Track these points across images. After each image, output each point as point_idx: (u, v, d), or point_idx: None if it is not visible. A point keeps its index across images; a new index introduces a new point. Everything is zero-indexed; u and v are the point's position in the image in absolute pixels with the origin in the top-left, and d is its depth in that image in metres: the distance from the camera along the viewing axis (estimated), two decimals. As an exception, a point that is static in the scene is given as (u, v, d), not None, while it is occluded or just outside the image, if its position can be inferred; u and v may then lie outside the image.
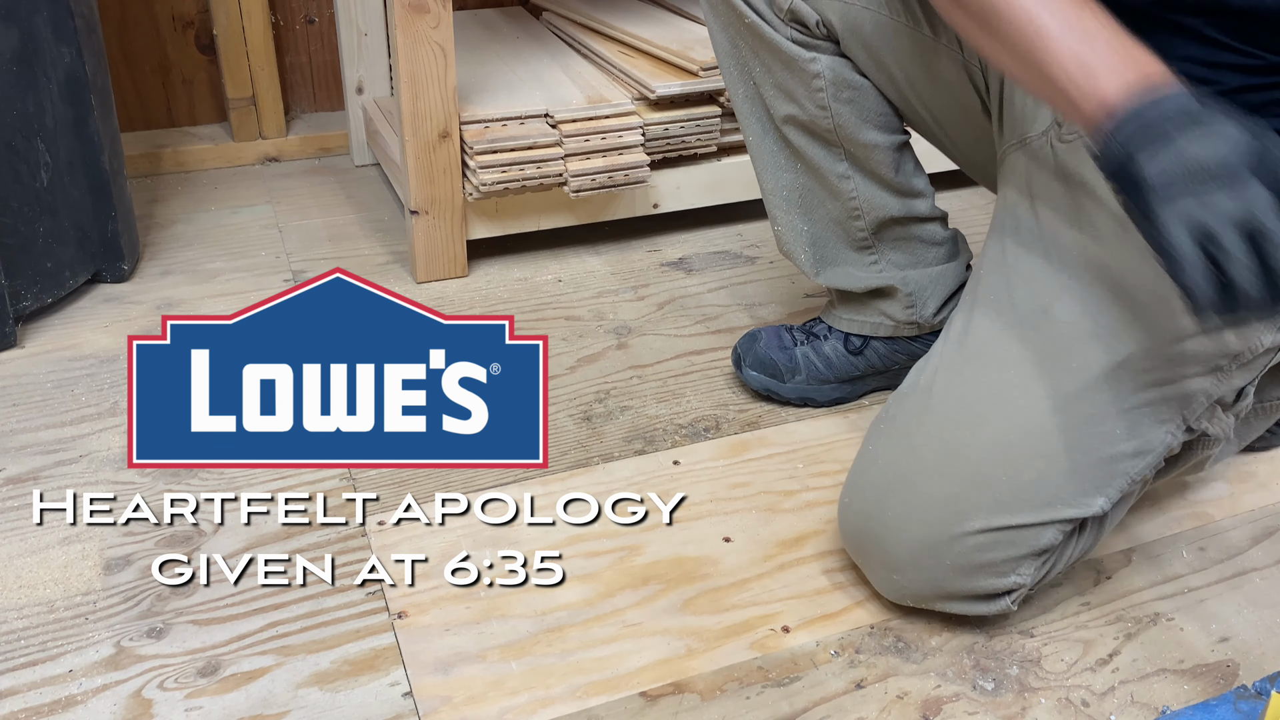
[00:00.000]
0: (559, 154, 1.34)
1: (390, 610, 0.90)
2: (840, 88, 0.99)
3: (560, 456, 1.09)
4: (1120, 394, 0.79)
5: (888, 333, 1.15)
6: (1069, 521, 0.81)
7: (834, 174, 1.05)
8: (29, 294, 1.24)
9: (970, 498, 0.80)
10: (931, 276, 1.11)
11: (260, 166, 1.71)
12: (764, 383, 1.16)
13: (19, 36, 1.14)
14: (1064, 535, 0.82)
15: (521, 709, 0.82)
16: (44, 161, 1.21)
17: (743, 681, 0.85)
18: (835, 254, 1.12)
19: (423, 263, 1.38)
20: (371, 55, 1.62)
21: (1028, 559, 0.82)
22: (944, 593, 0.84)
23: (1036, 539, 0.81)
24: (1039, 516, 0.80)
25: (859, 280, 1.12)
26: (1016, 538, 0.80)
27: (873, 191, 1.06)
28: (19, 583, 0.91)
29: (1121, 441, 0.80)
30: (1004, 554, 0.81)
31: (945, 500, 0.81)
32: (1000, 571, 0.82)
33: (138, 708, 0.80)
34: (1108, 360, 0.78)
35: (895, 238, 1.09)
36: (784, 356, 1.16)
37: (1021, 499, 0.79)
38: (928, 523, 0.81)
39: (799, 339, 1.17)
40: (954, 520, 0.80)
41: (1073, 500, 0.80)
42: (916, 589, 0.85)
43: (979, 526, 0.80)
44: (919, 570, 0.83)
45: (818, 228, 1.11)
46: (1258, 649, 0.89)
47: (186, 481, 1.03)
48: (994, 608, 0.85)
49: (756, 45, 1.01)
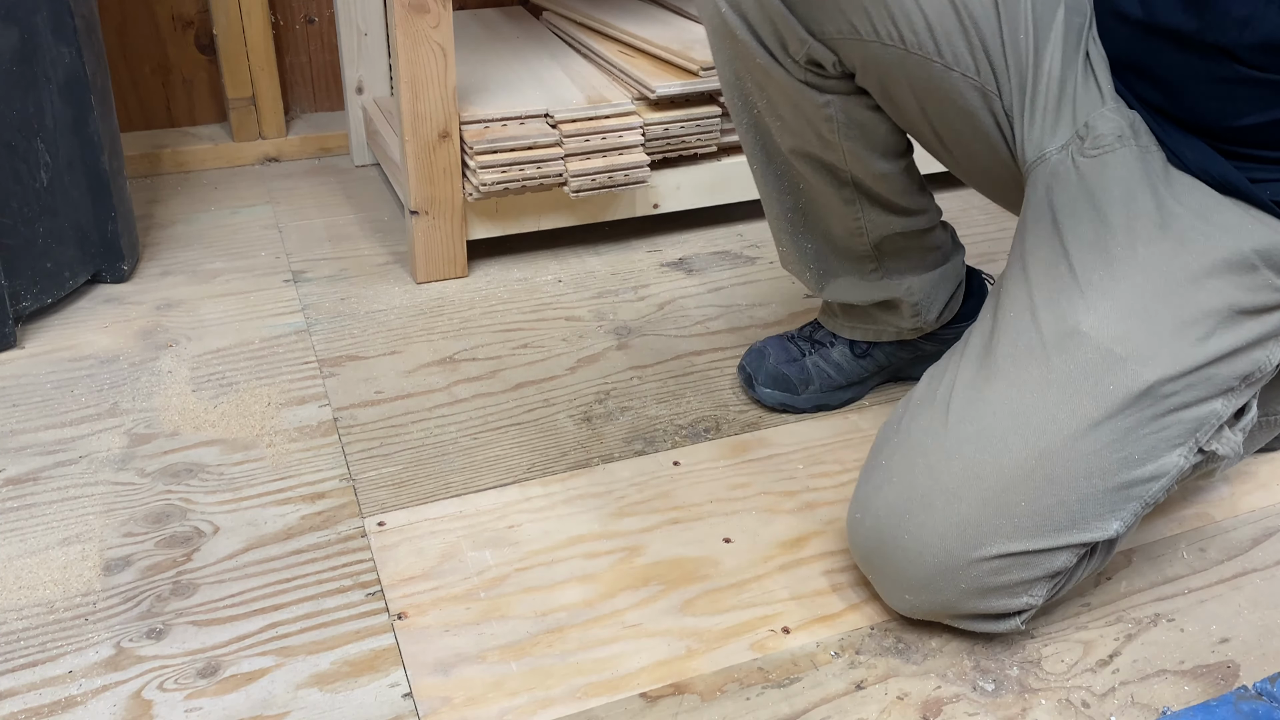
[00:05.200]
0: (559, 154, 1.34)
1: (390, 611, 0.90)
2: (851, 125, 0.98)
3: (560, 457, 1.09)
4: (1141, 419, 0.78)
5: (893, 338, 1.15)
6: (1084, 545, 0.81)
7: (839, 199, 1.04)
8: (29, 294, 1.24)
9: (989, 523, 0.80)
10: (933, 280, 1.11)
11: (260, 166, 1.71)
12: (779, 398, 1.16)
13: (19, 36, 1.14)
14: (1077, 558, 0.82)
15: (521, 710, 0.82)
16: (44, 161, 1.21)
17: (743, 682, 0.85)
18: (837, 267, 1.12)
19: (422, 263, 1.38)
20: (371, 55, 1.62)
21: (1041, 581, 0.82)
22: (956, 612, 0.84)
23: (1051, 562, 0.81)
24: (1055, 541, 0.80)
25: (864, 294, 1.11)
26: (1032, 561, 0.80)
27: (878, 214, 1.05)
28: (19, 583, 0.91)
29: (1139, 466, 0.79)
30: (1018, 576, 0.81)
31: (964, 525, 0.80)
32: (1014, 593, 0.82)
33: (137, 708, 0.80)
34: (1131, 386, 0.78)
35: (896, 249, 1.09)
36: (795, 369, 1.16)
37: (1039, 524, 0.79)
38: (945, 548, 0.81)
39: (805, 349, 1.17)
40: (971, 545, 0.80)
41: (1089, 525, 0.80)
42: (929, 608, 0.85)
43: (996, 552, 0.80)
44: (933, 592, 0.83)
45: (819, 244, 1.11)
46: (1258, 650, 0.89)
47: (186, 482, 1.03)
48: (1003, 626, 0.85)
49: (764, 82, 0.98)
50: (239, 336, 1.27)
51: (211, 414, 1.13)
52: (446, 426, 1.13)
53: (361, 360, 1.23)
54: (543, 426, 1.13)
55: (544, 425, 1.14)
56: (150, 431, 1.10)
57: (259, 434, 1.10)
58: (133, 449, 1.07)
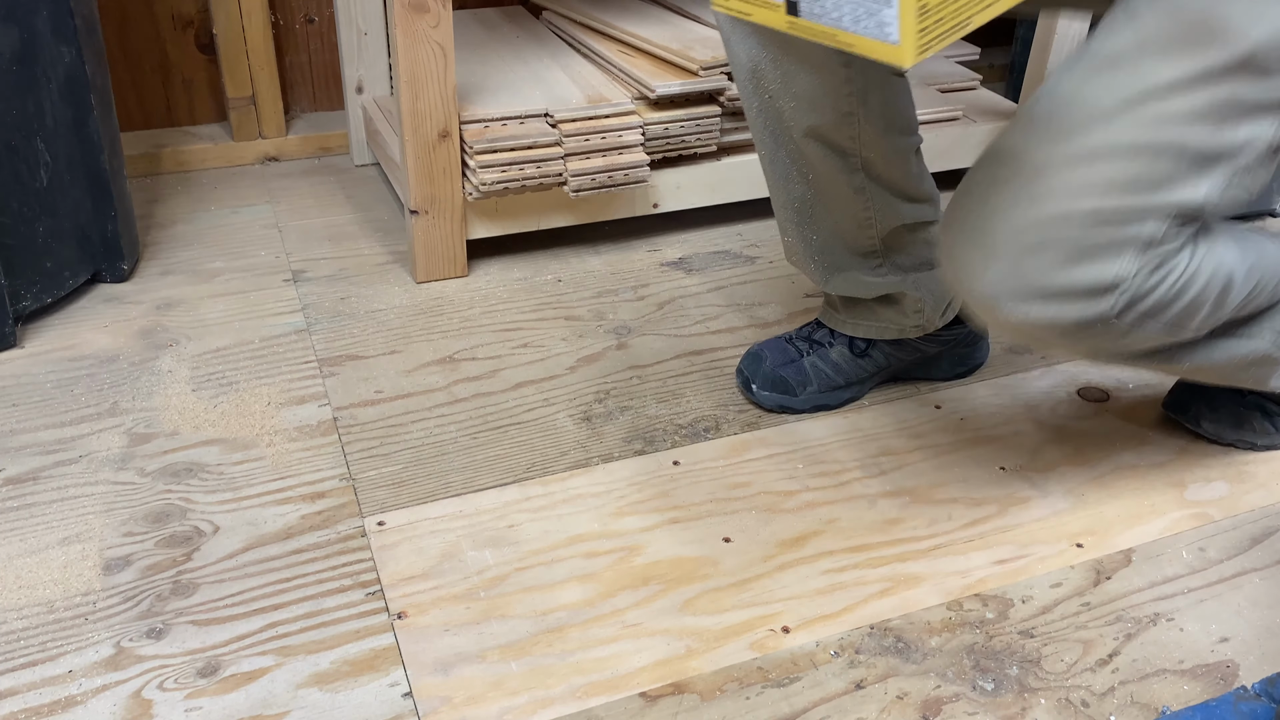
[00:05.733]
0: (559, 154, 1.34)
1: (390, 610, 0.90)
2: (871, 90, 0.98)
3: (560, 456, 1.09)
4: (1236, 87, 0.77)
5: (894, 335, 1.15)
6: (1173, 209, 0.79)
7: (850, 186, 1.04)
8: (29, 294, 1.24)
9: (1079, 179, 0.78)
10: (937, 278, 1.11)
11: (260, 166, 1.71)
12: (777, 400, 1.16)
13: (19, 36, 1.14)
14: (1166, 229, 0.79)
15: (521, 709, 0.82)
16: (44, 161, 1.21)
17: (743, 682, 0.85)
18: (842, 260, 1.12)
19: (422, 262, 1.38)
20: (371, 55, 1.62)
21: (1132, 247, 0.79)
22: (1042, 289, 0.80)
23: (1141, 224, 0.78)
24: (1144, 200, 0.78)
25: (868, 288, 1.12)
26: (1123, 218, 0.78)
27: (887, 201, 1.05)
28: (19, 583, 0.91)
29: (1228, 131, 0.78)
30: (1108, 237, 0.78)
31: (1054, 182, 0.78)
32: (1103, 256, 0.79)
33: (137, 708, 0.80)
34: (1234, 51, 0.76)
35: (902, 243, 1.09)
36: (793, 371, 1.16)
37: (1128, 185, 0.78)
38: (1034, 200, 0.79)
39: (804, 349, 1.17)
40: (1063, 198, 0.78)
41: (1176, 186, 0.78)
42: (1014, 283, 0.80)
43: (1086, 207, 0.78)
44: (1018, 258, 0.80)
45: (825, 236, 1.10)
46: (1258, 649, 0.89)
47: (186, 481, 1.03)
48: (1097, 308, 0.80)
49: (781, 55, 0.98)
50: (239, 336, 1.27)
51: (211, 413, 1.13)
52: (446, 426, 1.13)
53: (361, 360, 1.23)
54: (542, 426, 1.13)
55: (544, 425, 1.14)
56: (150, 431, 1.10)
57: (259, 433, 1.10)
58: (133, 449, 1.07)
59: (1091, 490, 1.07)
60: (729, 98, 1.43)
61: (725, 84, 1.41)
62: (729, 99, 1.43)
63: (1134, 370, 1.26)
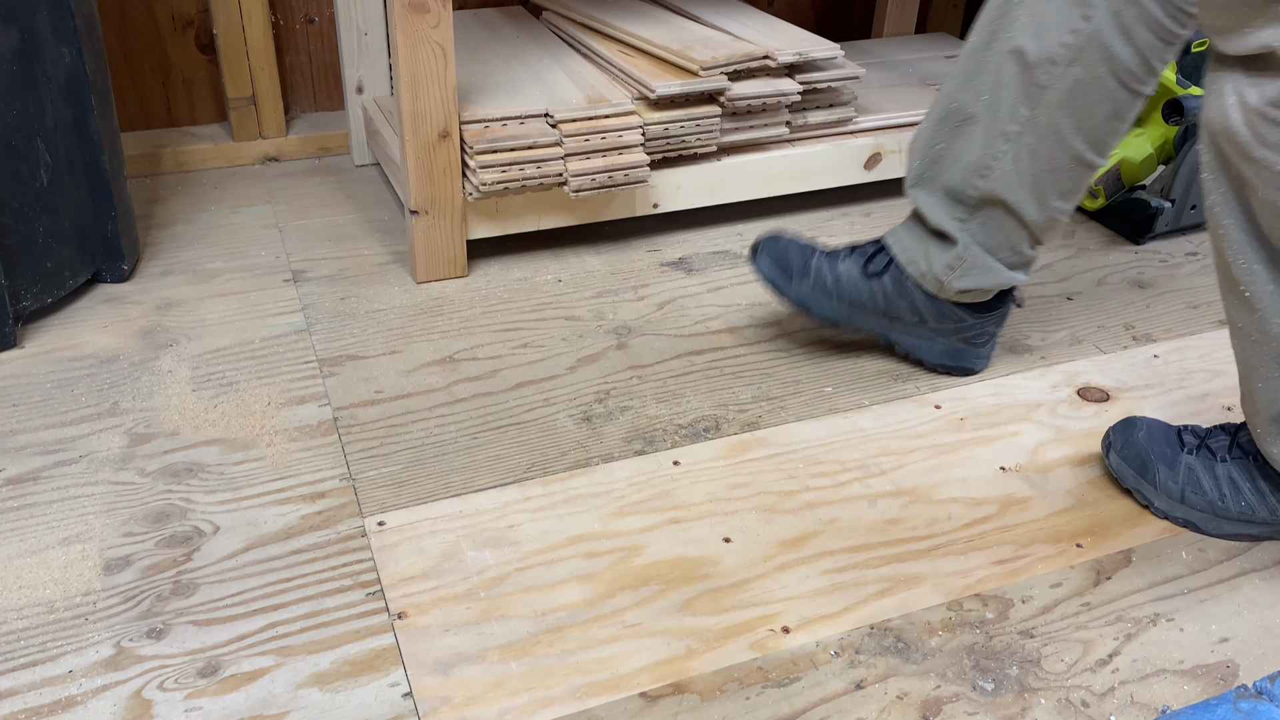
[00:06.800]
0: (559, 154, 1.34)
1: (390, 611, 0.90)
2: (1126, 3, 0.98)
3: (560, 456, 1.09)
4: None
5: (914, 271, 1.16)
6: None
7: (1007, 124, 1.05)
8: (29, 294, 1.24)
9: None
10: (988, 265, 1.13)
11: (260, 166, 1.71)
12: (772, 274, 1.19)
13: (19, 36, 1.14)
14: None
15: (521, 710, 0.82)
16: (44, 161, 1.21)
17: (743, 682, 0.85)
18: (938, 181, 1.12)
19: (422, 262, 1.38)
20: (371, 55, 1.62)
21: None
22: None
23: None
24: None
25: (936, 217, 1.13)
26: None
27: (1023, 163, 1.06)
28: (19, 583, 0.91)
29: None
30: None
31: None
32: None
33: (138, 708, 0.80)
34: None
35: (990, 219, 1.11)
36: (799, 258, 1.19)
37: None
38: None
39: (817, 254, 1.20)
40: None
41: None
42: None
43: None
44: None
45: (949, 150, 1.10)
46: (1258, 649, 0.89)
47: (186, 482, 1.03)
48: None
49: None
50: (239, 336, 1.27)
51: (211, 414, 1.13)
52: (446, 426, 1.13)
53: (361, 360, 1.23)
54: (542, 426, 1.13)
55: (544, 425, 1.14)
56: (150, 431, 1.10)
57: (259, 434, 1.10)
58: (133, 449, 1.07)
59: (1091, 490, 1.07)
60: (729, 98, 1.43)
61: (725, 84, 1.41)
62: (729, 99, 1.43)
63: None
